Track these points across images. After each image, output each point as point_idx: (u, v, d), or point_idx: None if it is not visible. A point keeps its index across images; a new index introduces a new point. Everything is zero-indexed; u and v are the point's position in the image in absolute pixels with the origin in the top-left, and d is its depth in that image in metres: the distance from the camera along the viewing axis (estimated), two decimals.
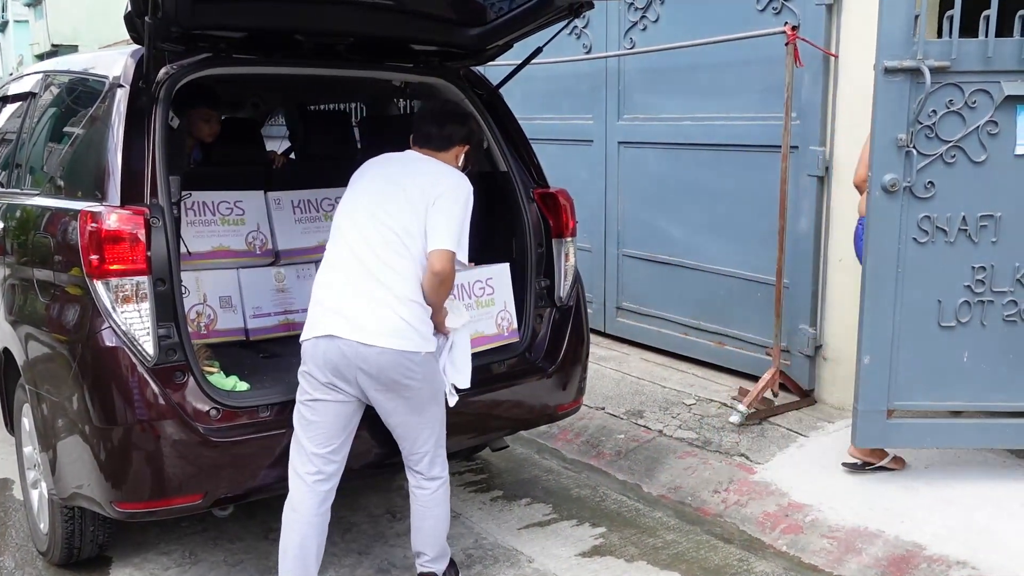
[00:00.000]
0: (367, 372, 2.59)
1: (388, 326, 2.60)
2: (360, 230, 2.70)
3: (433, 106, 3.05)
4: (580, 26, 5.57)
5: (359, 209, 2.76)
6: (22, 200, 3.30)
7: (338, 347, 2.58)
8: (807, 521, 3.39)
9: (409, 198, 2.71)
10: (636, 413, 4.53)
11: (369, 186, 2.81)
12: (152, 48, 2.64)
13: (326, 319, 2.63)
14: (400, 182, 2.76)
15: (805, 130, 4.27)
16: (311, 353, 2.64)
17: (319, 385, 2.63)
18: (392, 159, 2.91)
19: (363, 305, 2.61)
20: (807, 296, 4.38)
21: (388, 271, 2.64)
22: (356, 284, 2.64)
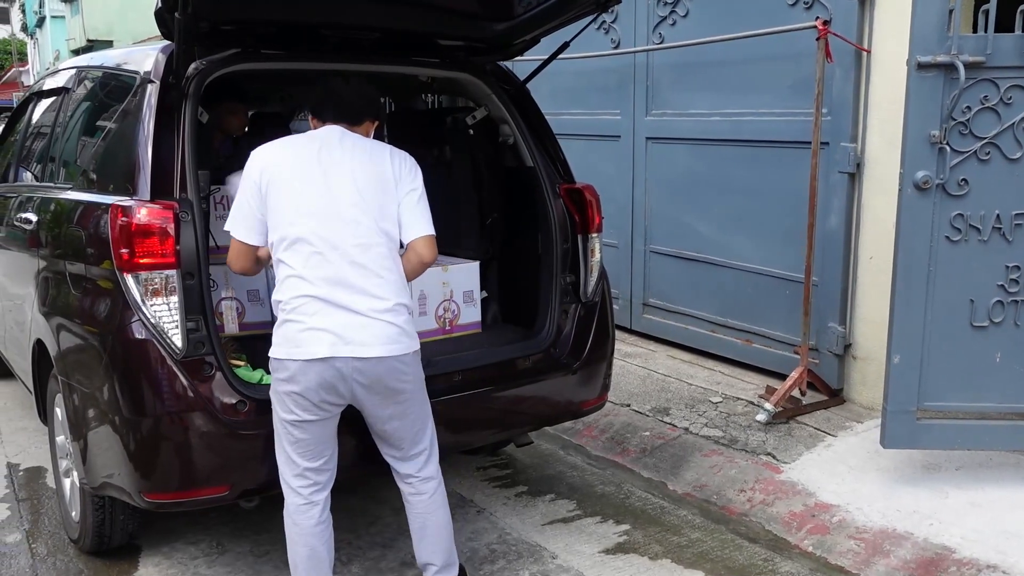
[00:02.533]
0: (363, 384, 2.47)
1: (383, 335, 2.46)
2: (327, 234, 2.44)
3: (338, 80, 2.76)
4: (608, 21, 5.55)
5: (316, 210, 2.46)
6: (55, 194, 3.35)
7: (334, 367, 2.42)
8: (834, 522, 3.36)
9: (374, 188, 2.52)
10: (662, 410, 4.51)
11: (314, 179, 2.48)
12: (182, 44, 2.67)
13: (315, 339, 2.41)
14: (352, 170, 2.51)
15: (836, 126, 4.21)
16: (301, 376, 2.42)
17: (310, 406, 2.46)
18: (316, 141, 2.56)
19: (353, 319, 2.43)
20: (837, 294, 4.33)
21: (373, 278, 2.46)
22: (339, 298, 2.43)
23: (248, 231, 2.51)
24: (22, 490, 3.90)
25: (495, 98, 3.47)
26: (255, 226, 2.51)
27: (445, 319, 3.53)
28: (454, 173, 3.82)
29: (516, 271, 3.70)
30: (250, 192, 2.49)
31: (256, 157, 2.53)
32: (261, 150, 2.55)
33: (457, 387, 3.12)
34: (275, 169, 2.48)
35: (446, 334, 3.53)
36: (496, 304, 3.83)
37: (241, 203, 2.51)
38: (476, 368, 3.20)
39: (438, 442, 2.80)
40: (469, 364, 3.20)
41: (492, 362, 3.26)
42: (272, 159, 2.51)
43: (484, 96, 3.52)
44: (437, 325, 3.52)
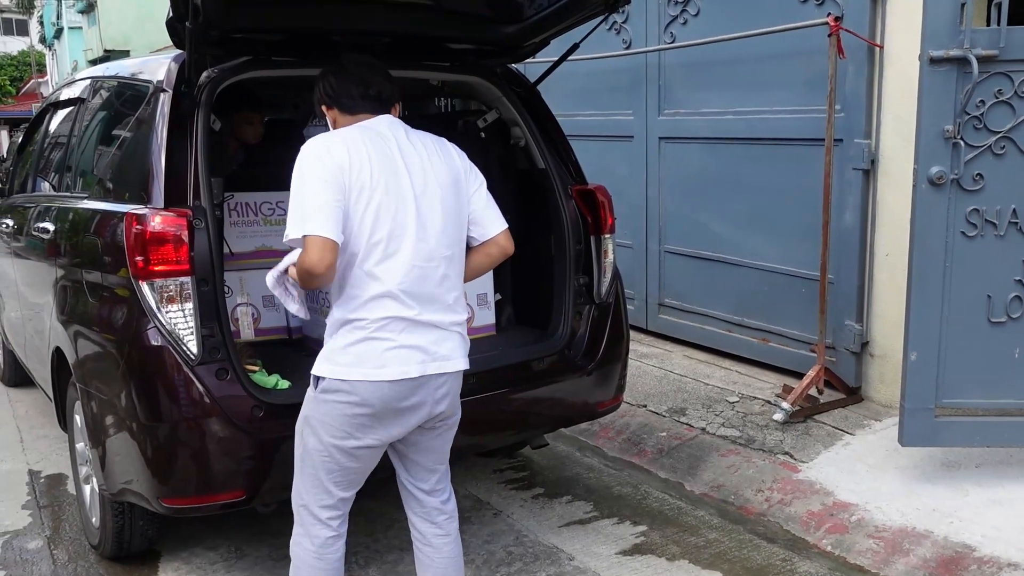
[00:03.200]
0: (443, 399, 2.32)
1: (461, 349, 2.35)
2: (423, 247, 2.23)
3: (358, 62, 2.44)
4: (620, 21, 5.54)
5: (409, 220, 2.21)
6: (72, 203, 3.38)
7: (422, 385, 2.25)
8: (853, 521, 3.34)
9: (453, 192, 2.31)
10: (678, 411, 4.50)
11: (402, 185, 2.23)
12: (193, 52, 2.69)
13: (404, 358, 2.21)
14: (434, 172, 2.29)
15: (850, 123, 4.19)
16: (377, 397, 2.20)
17: (381, 428, 2.26)
18: (386, 138, 2.28)
19: (439, 335, 2.27)
20: (853, 292, 4.30)
21: (454, 292, 2.32)
22: (429, 315, 2.25)
23: (337, 227, 2.12)
24: (43, 497, 3.94)
25: (506, 100, 3.48)
26: (341, 222, 2.15)
27: None
28: None
29: (530, 273, 3.70)
30: (333, 187, 2.13)
31: (329, 152, 2.16)
32: (330, 143, 2.19)
33: (471, 389, 3.12)
34: (358, 171, 2.16)
35: None
36: (511, 306, 3.83)
37: (321, 200, 2.11)
38: (490, 370, 3.20)
39: (456, 444, 2.76)
40: (482, 367, 3.20)
41: (506, 364, 3.26)
42: (351, 157, 2.17)
43: (495, 99, 3.52)
44: None
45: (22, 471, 4.24)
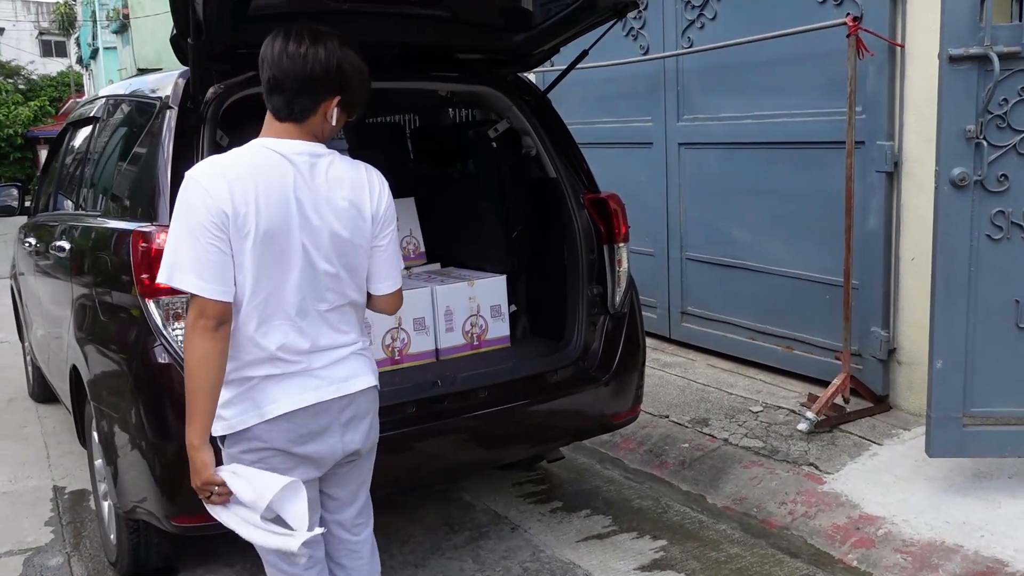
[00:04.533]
0: (351, 430, 2.11)
1: (362, 368, 2.14)
2: (293, 307, 1.98)
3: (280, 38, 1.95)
4: (637, 27, 5.49)
5: (282, 270, 1.95)
6: (85, 222, 3.41)
7: (325, 412, 2.04)
8: (879, 535, 3.24)
9: (341, 238, 2.00)
10: (701, 421, 4.42)
11: (275, 230, 1.91)
12: (197, 69, 2.69)
13: (298, 387, 2.01)
14: (316, 213, 1.96)
15: (871, 124, 4.09)
16: (286, 433, 2.00)
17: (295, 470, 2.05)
18: (284, 165, 1.93)
19: (330, 364, 2.07)
20: (878, 297, 4.20)
21: (341, 327, 2.09)
22: (313, 363, 2.04)
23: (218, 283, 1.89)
24: (66, 513, 3.96)
25: (516, 110, 3.45)
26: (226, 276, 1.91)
27: (473, 334, 3.50)
28: (479, 187, 3.80)
29: (544, 283, 3.66)
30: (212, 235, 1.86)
31: (210, 188, 1.85)
32: (214, 174, 1.88)
33: (484, 402, 3.09)
34: (242, 217, 1.86)
35: (474, 349, 3.51)
36: (526, 317, 3.79)
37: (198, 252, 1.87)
38: (502, 383, 3.16)
39: (471, 459, 2.67)
40: (494, 379, 3.17)
41: (518, 377, 3.22)
42: (234, 194, 1.86)
43: (505, 108, 3.49)
44: (465, 340, 3.49)
45: (47, 487, 4.28)
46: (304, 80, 1.91)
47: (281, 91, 1.93)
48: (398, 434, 2.86)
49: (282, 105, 1.95)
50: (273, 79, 1.94)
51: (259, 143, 1.97)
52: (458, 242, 3.97)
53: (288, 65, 1.91)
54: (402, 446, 2.93)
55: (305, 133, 1.99)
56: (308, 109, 1.95)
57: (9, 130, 29.39)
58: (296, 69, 1.91)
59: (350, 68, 1.96)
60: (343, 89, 1.96)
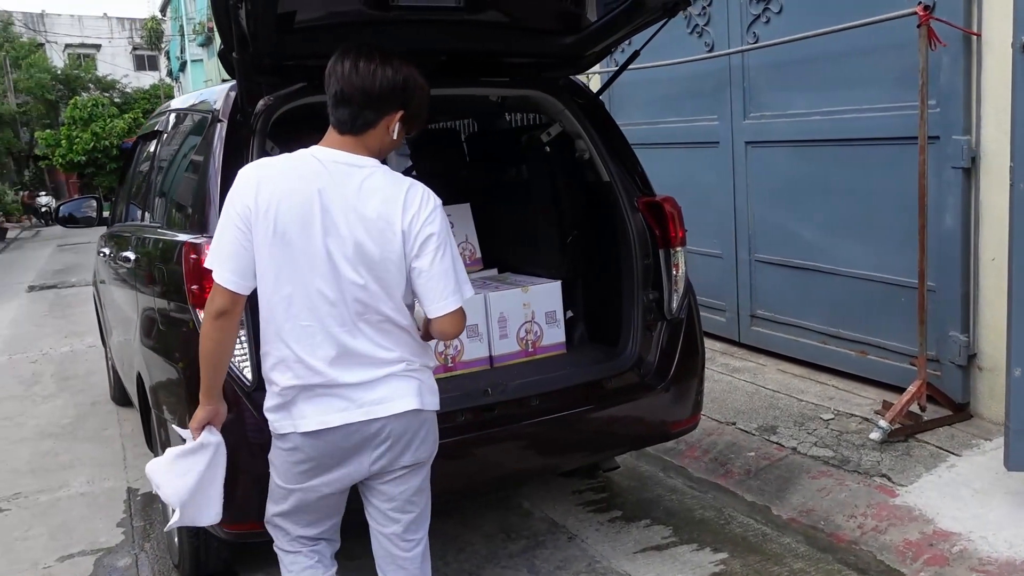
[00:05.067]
0: (383, 451, 2.22)
1: (403, 389, 2.19)
2: (320, 313, 2.06)
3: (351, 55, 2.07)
4: (701, 24, 5.36)
5: (303, 273, 2.03)
6: (146, 233, 3.50)
7: (354, 434, 2.16)
8: (954, 552, 3.07)
9: (370, 253, 2.03)
10: (769, 429, 4.28)
11: (295, 234, 2.01)
12: (245, 82, 2.72)
13: (324, 406, 2.14)
14: (345, 223, 2.01)
15: (946, 118, 3.89)
16: (318, 447, 2.15)
17: (323, 476, 2.23)
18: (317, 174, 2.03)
19: (363, 383, 2.14)
20: (956, 300, 3.99)
21: (380, 345, 2.15)
22: (340, 378, 2.13)
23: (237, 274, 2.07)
24: (138, 515, 4.08)
25: (568, 113, 3.39)
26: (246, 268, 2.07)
27: (527, 341, 3.46)
28: (533, 191, 3.75)
29: (600, 289, 3.59)
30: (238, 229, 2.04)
31: (243, 183, 2.04)
32: (250, 171, 2.07)
33: (536, 411, 3.04)
34: (263, 217, 1.99)
35: (529, 356, 3.46)
36: (583, 323, 3.73)
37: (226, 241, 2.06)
38: (555, 391, 3.11)
39: (524, 467, 2.73)
40: (547, 387, 3.12)
41: (572, 384, 3.16)
42: (261, 191, 2.00)
43: (558, 112, 3.44)
44: (519, 347, 3.45)
45: (121, 489, 4.41)
46: (371, 95, 2.02)
47: (348, 104, 2.04)
48: (450, 442, 2.83)
49: (346, 118, 2.05)
50: (341, 92, 2.05)
51: (306, 150, 2.08)
52: (514, 248, 3.94)
53: (357, 80, 2.02)
54: (454, 454, 2.90)
55: (361, 147, 2.07)
56: (371, 123, 2.05)
57: (106, 142, 30.67)
58: (364, 84, 2.02)
59: (414, 85, 2.08)
60: (406, 105, 2.07)
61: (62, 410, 5.89)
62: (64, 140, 30.54)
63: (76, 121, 30.85)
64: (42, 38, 37.54)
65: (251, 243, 2.01)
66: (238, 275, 2.02)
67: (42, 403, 6.11)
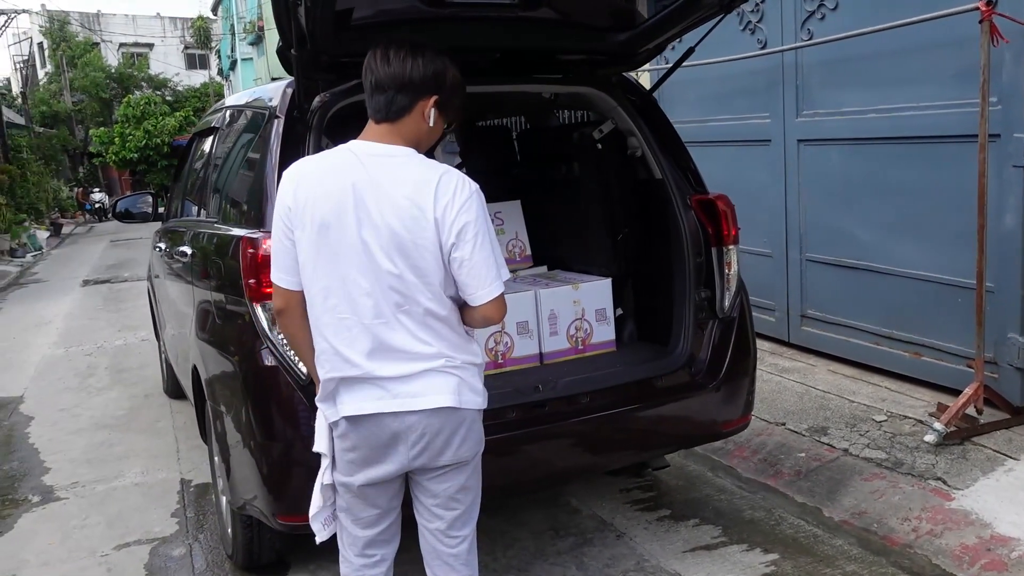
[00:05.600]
0: (418, 446, 2.20)
1: (442, 385, 2.18)
2: (358, 305, 2.07)
3: (376, 49, 2.11)
4: (754, 20, 5.31)
5: (340, 265, 2.05)
6: (203, 228, 3.56)
7: (388, 424, 2.16)
8: (1013, 557, 3.00)
9: (402, 240, 2.03)
10: (820, 430, 4.22)
11: (330, 225, 2.03)
12: (302, 78, 2.76)
13: (364, 393, 2.15)
14: (379, 213, 2.01)
15: (1008, 116, 3.80)
16: (361, 433, 2.15)
17: (366, 467, 2.22)
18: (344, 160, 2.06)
19: (402, 374, 2.13)
20: (1016, 301, 3.89)
21: (418, 338, 2.15)
22: (379, 370, 2.14)
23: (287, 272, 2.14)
24: (191, 506, 4.16)
25: (621, 110, 3.38)
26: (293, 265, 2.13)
27: (577, 338, 3.46)
28: (584, 189, 3.75)
29: (651, 287, 3.58)
30: (282, 229, 2.11)
31: (284, 185, 2.09)
32: (291, 172, 2.11)
33: (585, 408, 3.04)
34: (300, 212, 2.04)
35: (579, 353, 3.46)
36: (633, 321, 3.72)
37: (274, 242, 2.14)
38: (606, 388, 3.11)
39: (574, 464, 2.75)
40: (598, 384, 3.11)
41: (622, 382, 3.16)
42: (296, 196, 2.04)
43: (610, 109, 3.43)
44: (569, 345, 3.45)
45: (175, 480, 4.50)
46: (403, 80, 2.05)
47: (382, 91, 2.07)
48: (499, 438, 2.85)
49: (382, 105, 2.08)
50: (375, 81, 2.08)
51: (344, 145, 2.11)
52: (564, 245, 3.94)
53: (389, 69, 2.06)
54: (503, 450, 2.91)
55: (397, 135, 2.08)
56: (405, 108, 2.06)
57: (157, 139, 31.32)
58: (395, 71, 2.05)
59: (446, 72, 2.11)
60: (439, 89, 2.10)
61: (116, 402, 6.03)
62: (117, 138, 31.23)
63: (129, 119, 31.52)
64: (97, 37, 38.40)
65: (293, 241, 2.06)
66: (286, 272, 2.09)
67: (97, 395, 6.26)
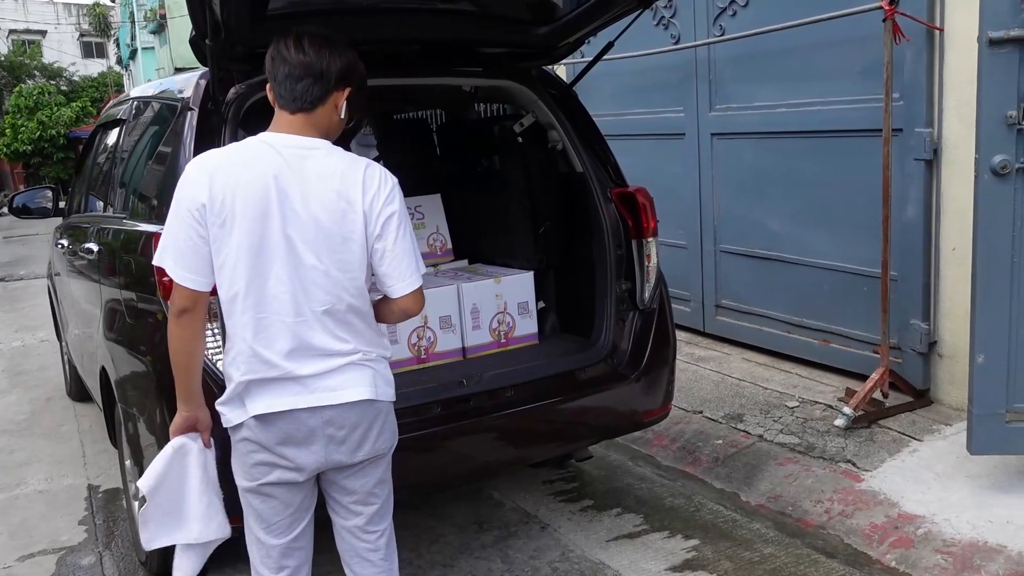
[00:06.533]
0: (336, 442, 2.16)
1: (359, 379, 2.14)
2: (276, 303, 2.00)
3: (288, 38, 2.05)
4: (668, 16, 5.39)
5: (258, 264, 1.98)
6: (110, 224, 3.42)
7: (305, 421, 2.09)
8: (919, 534, 3.14)
9: (331, 233, 2.00)
10: (735, 417, 4.34)
11: (251, 222, 1.95)
12: (217, 70, 2.67)
13: (291, 389, 2.08)
14: (303, 207, 1.97)
15: (910, 111, 3.97)
16: (279, 432, 2.07)
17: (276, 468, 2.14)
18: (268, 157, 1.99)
19: (319, 372, 2.09)
20: (918, 289, 4.08)
21: (337, 335, 2.10)
22: (298, 369, 2.08)
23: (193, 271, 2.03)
24: (100, 512, 4.00)
25: (541, 103, 3.39)
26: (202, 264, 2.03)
27: (500, 332, 3.46)
28: (506, 182, 3.75)
29: (573, 279, 3.61)
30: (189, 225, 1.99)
31: (193, 179, 1.98)
32: (200, 165, 2.00)
33: (510, 402, 3.05)
34: (218, 208, 1.94)
35: (502, 347, 3.47)
36: (555, 314, 3.74)
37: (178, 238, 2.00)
38: (528, 381, 3.12)
39: (499, 458, 2.75)
40: (521, 378, 3.12)
41: (545, 375, 3.17)
42: (214, 184, 1.94)
43: (531, 102, 3.43)
44: (492, 338, 3.45)
45: (82, 486, 4.32)
46: (319, 71, 2.00)
47: (296, 79, 2.01)
48: (424, 434, 2.83)
49: (297, 94, 2.01)
50: (290, 71, 2.01)
51: (255, 137, 2.04)
52: (486, 239, 3.93)
53: (305, 59, 2.01)
54: (428, 446, 2.90)
55: (310, 126, 2.04)
56: (319, 99, 2.02)
57: (52, 131, 29.96)
58: (312, 61, 2.01)
59: (357, 63, 2.09)
60: (351, 81, 2.07)
61: (16, 406, 5.75)
62: (8, 129, 29.76)
63: (21, 110, 30.06)
64: None
65: (206, 238, 1.95)
66: (196, 272, 1.96)
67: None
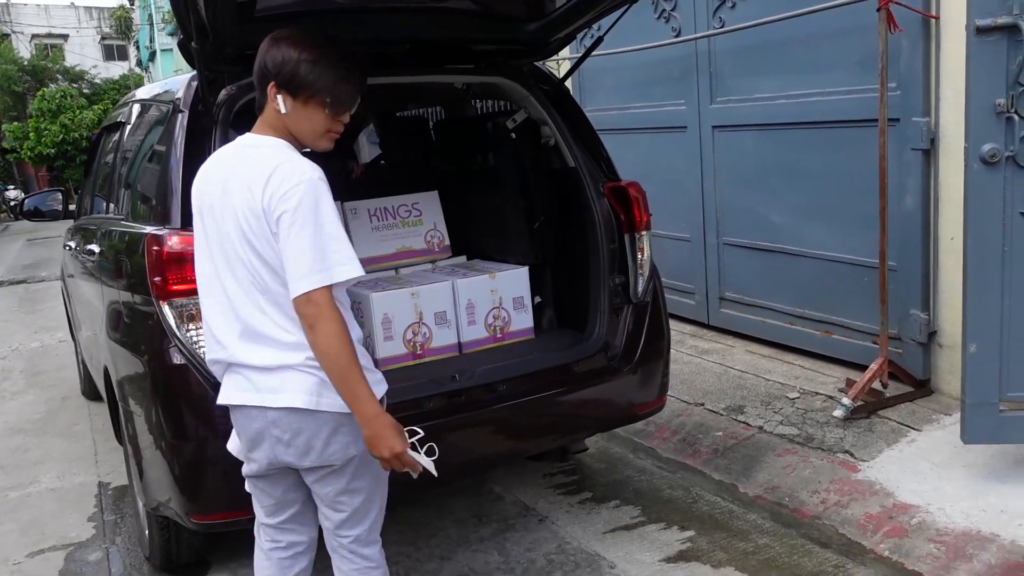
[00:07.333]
0: (282, 445, 2.20)
1: (299, 386, 2.14)
2: (225, 288, 2.11)
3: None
4: (668, 9, 5.39)
5: (215, 253, 2.13)
6: (110, 225, 3.48)
7: (255, 418, 2.20)
8: (913, 524, 3.14)
9: (245, 226, 2.03)
10: (736, 408, 4.34)
11: (211, 214, 2.12)
12: (205, 72, 2.71)
13: (233, 381, 2.20)
14: (241, 201, 2.03)
15: (906, 101, 3.95)
16: (237, 422, 2.21)
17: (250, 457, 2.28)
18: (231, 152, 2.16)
19: (264, 369, 2.17)
20: (917, 279, 4.06)
21: (279, 330, 2.13)
22: (249, 358, 2.17)
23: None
24: (109, 509, 4.08)
25: (533, 99, 3.41)
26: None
27: (495, 327, 3.49)
28: (500, 178, 3.76)
29: (567, 274, 3.62)
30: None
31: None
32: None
33: (505, 395, 3.07)
34: (196, 198, 2.19)
35: (497, 342, 3.49)
36: (551, 309, 3.76)
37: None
38: (524, 375, 3.14)
39: (494, 452, 2.79)
40: (515, 371, 3.15)
41: (540, 368, 3.20)
42: (197, 184, 2.20)
43: (522, 98, 3.46)
44: (488, 333, 3.47)
45: (92, 483, 4.40)
46: (255, 71, 2.10)
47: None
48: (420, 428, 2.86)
49: (256, 99, 2.16)
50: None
51: (238, 138, 2.18)
52: (482, 235, 3.96)
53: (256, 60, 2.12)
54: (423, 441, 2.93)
55: (268, 127, 2.11)
56: (262, 97, 2.11)
57: (75, 134, 30.25)
58: (257, 62, 2.11)
59: (287, 54, 2.03)
60: (277, 74, 2.04)
61: (32, 406, 5.86)
62: (32, 132, 30.08)
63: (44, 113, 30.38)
64: (7, 28, 36.89)
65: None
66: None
67: (11, 399, 6.07)
